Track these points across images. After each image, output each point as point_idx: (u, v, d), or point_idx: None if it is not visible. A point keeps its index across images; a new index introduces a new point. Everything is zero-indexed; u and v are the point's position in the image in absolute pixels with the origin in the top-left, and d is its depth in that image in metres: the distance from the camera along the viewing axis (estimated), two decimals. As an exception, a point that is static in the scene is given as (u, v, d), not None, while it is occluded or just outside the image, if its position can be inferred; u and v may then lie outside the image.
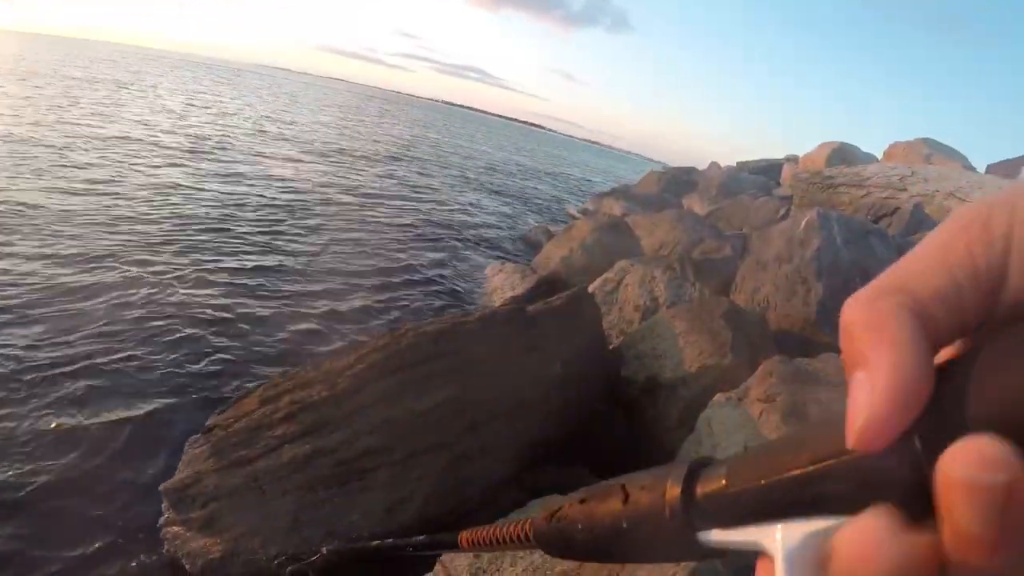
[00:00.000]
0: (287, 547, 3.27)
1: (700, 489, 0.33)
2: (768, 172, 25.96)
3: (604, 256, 8.77)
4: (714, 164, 25.21)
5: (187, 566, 3.27)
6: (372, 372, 3.76)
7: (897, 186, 12.61)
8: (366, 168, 18.40)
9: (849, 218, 8.26)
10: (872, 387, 0.26)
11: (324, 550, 2.18)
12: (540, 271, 9.22)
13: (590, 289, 6.16)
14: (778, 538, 0.28)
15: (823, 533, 0.26)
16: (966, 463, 0.21)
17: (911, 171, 13.67)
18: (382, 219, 11.92)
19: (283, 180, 13.43)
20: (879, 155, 23.55)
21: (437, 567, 2.82)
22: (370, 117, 49.42)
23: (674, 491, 0.34)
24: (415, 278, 9.00)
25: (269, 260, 8.19)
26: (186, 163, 13.27)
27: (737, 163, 28.61)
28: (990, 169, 20.33)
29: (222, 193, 11.17)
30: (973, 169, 19.05)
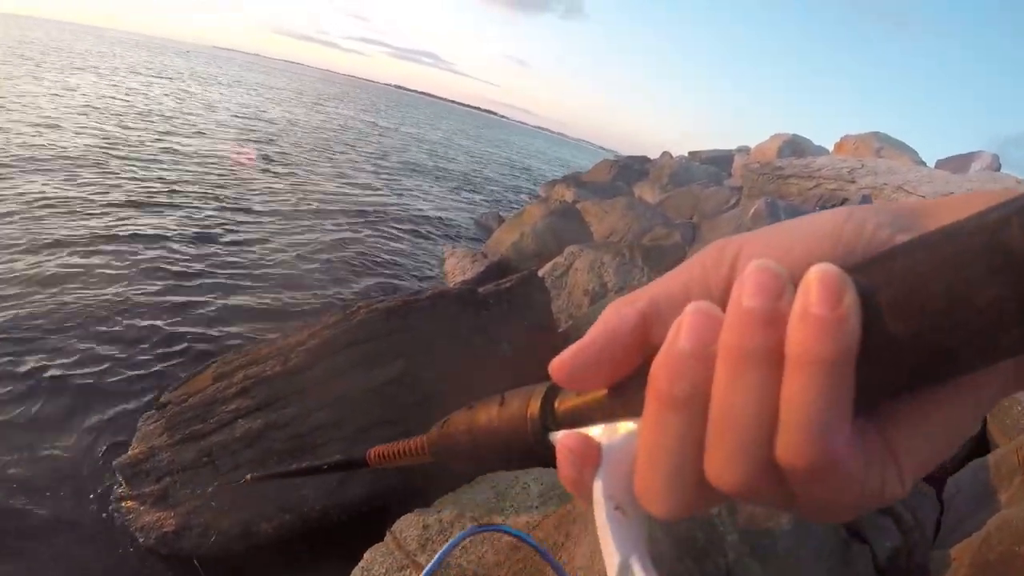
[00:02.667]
0: (239, 520, 3.33)
1: (558, 399, 0.40)
2: (719, 162, 26.12)
3: (554, 241, 8.84)
4: (666, 154, 25.26)
5: (140, 540, 3.31)
6: (324, 348, 3.80)
7: (846, 178, 12.82)
8: (318, 155, 18.14)
9: (797, 208, 8.45)
10: (574, 343, 0.35)
11: (248, 477, 2.30)
12: (491, 256, 9.26)
13: (540, 273, 6.24)
14: (607, 435, 0.36)
15: (633, 432, 0.35)
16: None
17: (861, 164, 13.89)
18: (334, 206, 11.81)
19: (228, 168, 13.16)
20: (830, 148, 23.78)
21: (387, 536, 2.90)
22: (325, 103, 48.66)
23: (538, 397, 0.41)
24: (366, 263, 8.99)
25: (218, 246, 8.12)
26: (126, 147, 13.00)
27: (689, 153, 28.71)
28: (939, 164, 20.60)
29: (166, 178, 10.98)
30: (923, 164, 19.33)
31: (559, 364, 0.36)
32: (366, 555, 2.77)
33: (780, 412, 0.28)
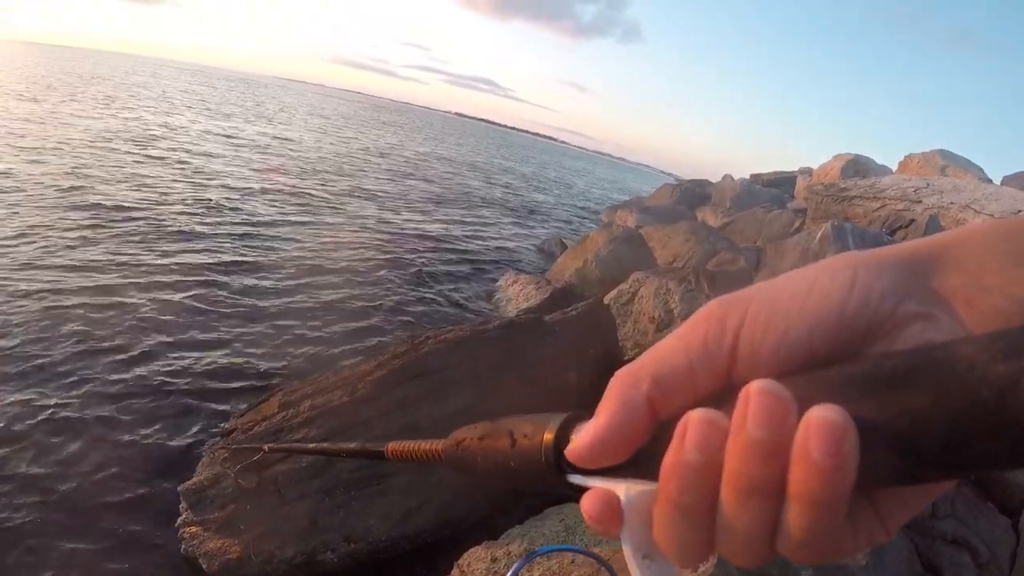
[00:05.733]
0: (304, 549, 3.29)
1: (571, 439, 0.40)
2: (782, 184, 25.80)
3: (618, 268, 8.76)
4: (728, 176, 24.96)
5: (204, 566, 3.29)
6: (392, 378, 3.78)
7: (912, 198, 12.52)
8: (378, 183, 18.33)
9: (864, 230, 8.25)
10: (587, 429, 0.37)
11: (266, 447, 2.33)
12: (555, 282, 9.19)
13: (605, 300, 6.17)
14: (623, 491, 0.37)
15: (650, 491, 0.35)
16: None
17: (926, 183, 13.53)
18: (397, 234, 11.88)
19: (291, 194, 13.46)
20: (894, 167, 23.26)
21: (455, 570, 2.84)
22: (384, 131, 49.37)
23: (548, 441, 0.42)
24: (430, 290, 9.02)
25: (275, 276, 8.20)
26: (196, 182, 13.40)
27: (751, 175, 28.38)
28: (1006, 181, 19.99)
29: (246, 207, 11.31)
30: (989, 181, 18.79)
31: (577, 453, 0.38)
32: (433, 588, 2.72)
33: (781, 522, 0.31)
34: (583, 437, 0.38)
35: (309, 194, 13.61)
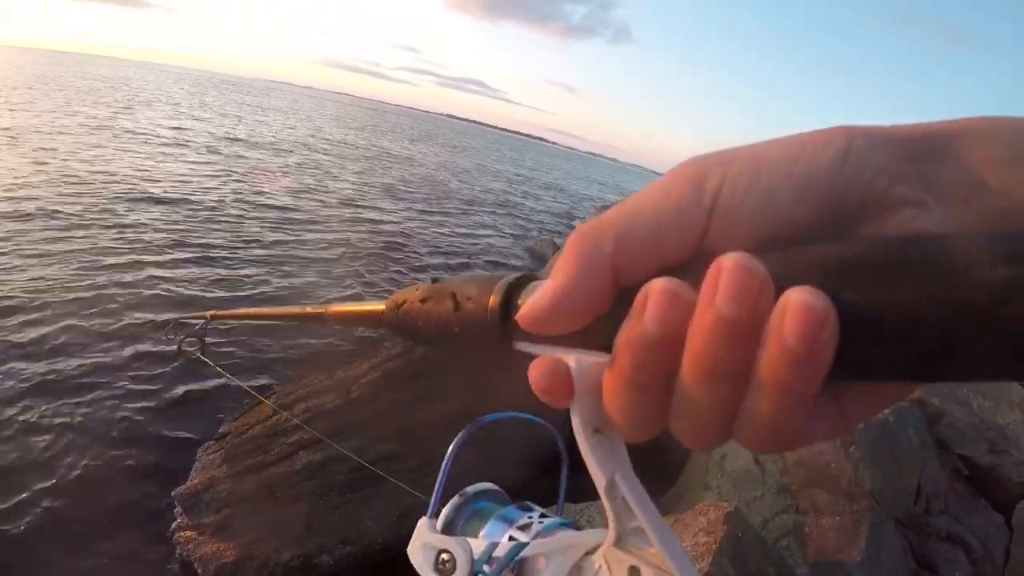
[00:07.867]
0: (300, 552, 3.28)
1: (520, 300, 0.38)
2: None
3: (611, 268, 8.77)
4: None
5: (199, 571, 3.28)
6: (387, 380, 3.78)
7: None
8: (366, 187, 18.20)
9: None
10: (542, 291, 0.34)
11: (208, 315, 2.26)
12: (546, 283, 9.21)
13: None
14: (574, 361, 0.34)
15: (603, 363, 0.33)
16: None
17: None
18: (386, 238, 11.79)
19: (279, 195, 13.45)
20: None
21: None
22: (374, 134, 49.26)
23: (494, 306, 0.39)
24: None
25: (278, 274, 8.26)
26: (201, 178, 13.36)
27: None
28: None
29: (247, 214, 11.23)
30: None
31: (530, 317, 0.34)
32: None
33: (742, 407, 0.29)
34: (538, 300, 0.34)
35: (296, 200, 13.50)
